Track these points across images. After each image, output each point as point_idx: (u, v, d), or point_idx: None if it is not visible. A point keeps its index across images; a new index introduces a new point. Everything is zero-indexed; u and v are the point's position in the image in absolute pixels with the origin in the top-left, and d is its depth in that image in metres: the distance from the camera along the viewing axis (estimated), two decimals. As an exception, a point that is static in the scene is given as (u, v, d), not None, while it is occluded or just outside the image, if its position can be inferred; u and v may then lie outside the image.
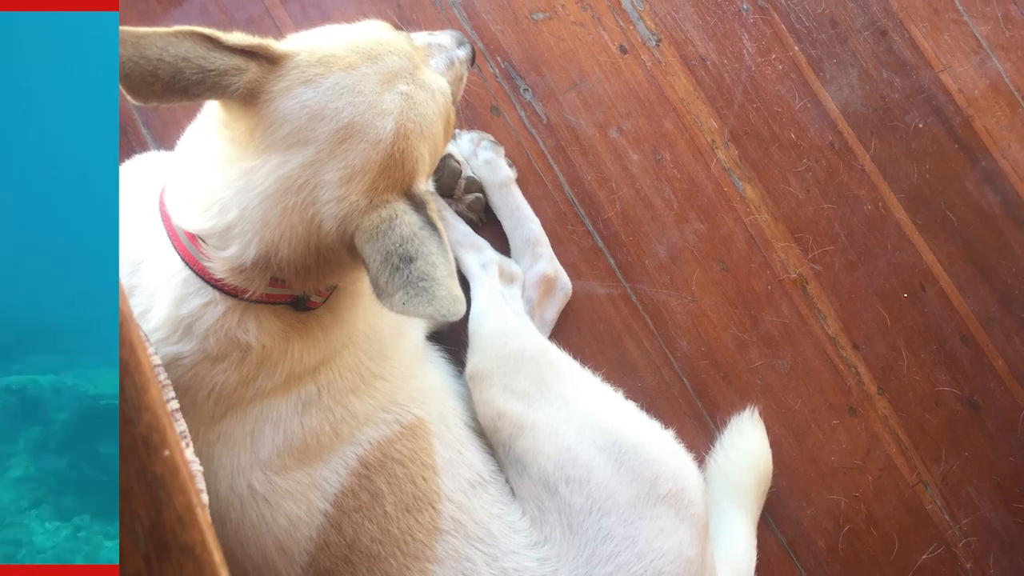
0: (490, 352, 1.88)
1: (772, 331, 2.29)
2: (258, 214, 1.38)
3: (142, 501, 0.91)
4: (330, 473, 1.59)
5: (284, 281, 1.45)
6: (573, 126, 2.30)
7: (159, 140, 2.23)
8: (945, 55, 2.43)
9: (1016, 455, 2.30)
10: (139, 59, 1.28)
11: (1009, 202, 2.39)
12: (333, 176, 1.38)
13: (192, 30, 1.33)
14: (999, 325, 2.35)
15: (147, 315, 1.51)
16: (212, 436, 1.54)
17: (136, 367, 0.98)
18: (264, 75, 1.38)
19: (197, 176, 1.46)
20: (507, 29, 2.32)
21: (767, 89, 2.36)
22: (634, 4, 2.36)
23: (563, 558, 1.67)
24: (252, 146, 1.39)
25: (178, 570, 0.90)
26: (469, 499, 1.70)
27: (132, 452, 0.92)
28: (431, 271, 1.32)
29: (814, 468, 2.25)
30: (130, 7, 2.26)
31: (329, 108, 1.39)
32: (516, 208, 2.20)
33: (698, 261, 2.29)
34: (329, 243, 1.41)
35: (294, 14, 2.29)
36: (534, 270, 2.17)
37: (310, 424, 1.58)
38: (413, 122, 1.44)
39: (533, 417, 1.79)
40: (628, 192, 2.29)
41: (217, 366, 1.50)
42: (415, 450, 1.67)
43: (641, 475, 1.74)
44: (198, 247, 1.44)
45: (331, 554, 1.58)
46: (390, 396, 1.69)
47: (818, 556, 2.22)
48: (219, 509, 1.55)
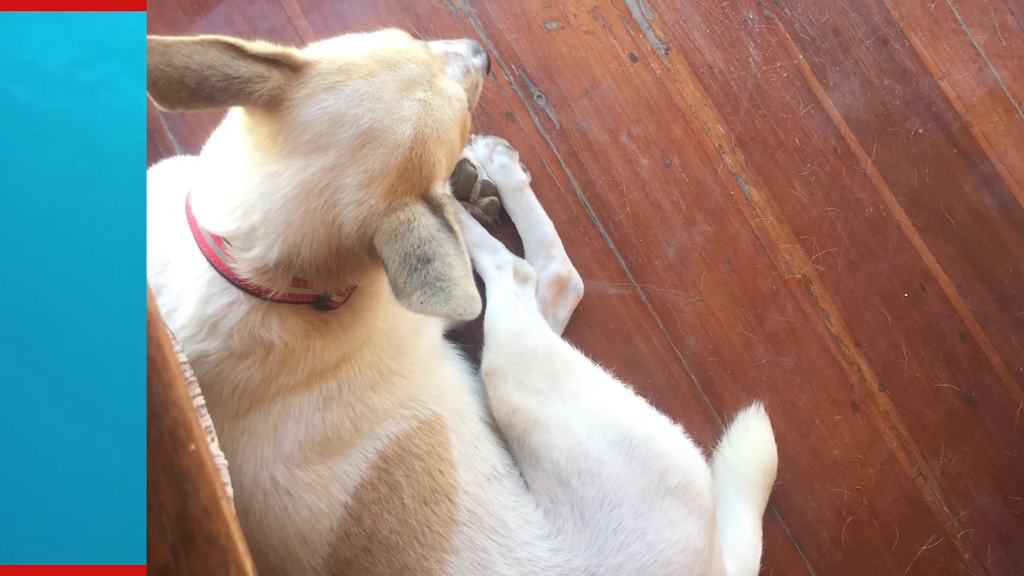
0: (505, 350, 1.88)
1: (777, 329, 2.28)
2: (281, 216, 1.39)
3: (169, 493, 0.91)
4: (350, 466, 1.59)
5: (306, 281, 1.46)
6: (585, 132, 2.29)
7: (185, 145, 2.24)
8: (944, 63, 2.42)
9: (1013, 449, 2.29)
10: (166, 67, 1.29)
11: (1006, 205, 2.38)
12: (353, 180, 1.38)
13: (217, 39, 1.33)
14: (996, 324, 2.34)
15: (174, 314, 1.51)
16: (236, 431, 1.54)
17: (163, 364, 0.98)
18: (287, 82, 1.39)
19: (222, 180, 1.46)
20: (521, 38, 2.31)
21: (772, 96, 2.35)
22: (644, 14, 2.35)
23: (575, 548, 1.66)
24: (275, 151, 1.39)
25: (204, 560, 0.90)
26: (484, 492, 1.70)
27: (159, 446, 0.93)
28: (448, 271, 1.33)
29: (818, 462, 2.24)
30: (157, 16, 2.27)
31: (349, 114, 1.38)
32: (530, 211, 2.19)
33: (706, 262, 2.28)
34: (349, 244, 1.40)
35: (316, 24, 2.29)
36: (547, 271, 2.17)
37: (331, 419, 1.58)
38: (431, 128, 1.44)
39: (546, 413, 1.78)
40: (638, 195, 2.28)
41: (241, 363, 1.50)
42: (432, 444, 1.67)
43: (651, 468, 1.73)
44: (223, 248, 1.44)
45: (351, 545, 1.58)
46: (408, 392, 1.69)
47: (821, 547, 2.21)
48: (243, 501, 1.55)
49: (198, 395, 1.29)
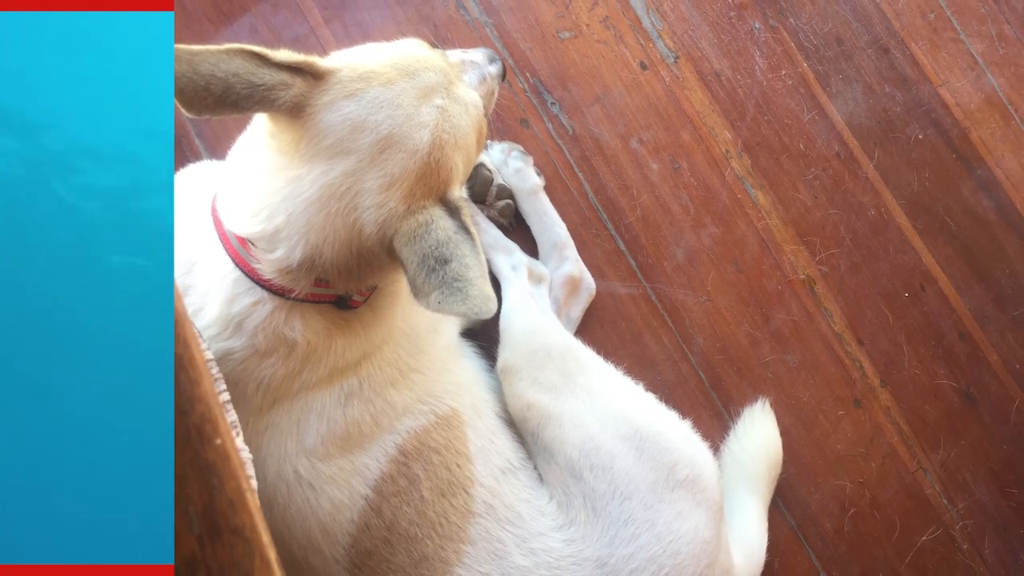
0: (520, 348, 1.88)
1: (782, 328, 2.27)
2: (304, 219, 1.39)
3: (195, 486, 0.91)
4: (371, 460, 1.60)
5: (328, 281, 1.46)
6: (597, 137, 2.28)
7: (211, 150, 2.24)
8: (943, 71, 2.41)
9: (1009, 443, 2.29)
10: (193, 75, 1.30)
11: (1003, 208, 2.37)
12: (373, 184, 1.38)
13: (242, 48, 1.34)
14: (994, 322, 2.33)
15: (200, 313, 1.52)
16: (261, 426, 1.55)
17: (190, 362, 0.98)
18: (309, 90, 1.39)
19: (247, 183, 1.46)
20: (535, 47, 2.31)
21: (777, 103, 2.34)
22: (654, 23, 2.34)
23: (587, 539, 1.67)
24: (298, 156, 1.40)
25: (229, 551, 0.90)
26: (500, 484, 1.70)
27: (186, 441, 0.93)
28: (465, 272, 1.33)
29: (821, 456, 2.23)
30: (184, 26, 2.27)
31: (370, 120, 1.39)
32: (544, 213, 2.19)
33: (713, 263, 2.27)
34: (370, 246, 1.41)
35: (337, 33, 2.28)
36: (560, 271, 2.16)
37: (352, 415, 1.58)
38: (448, 133, 1.45)
39: (560, 408, 1.78)
40: (648, 199, 2.27)
41: (265, 361, 1.50)
42: (450, 439, 1.68)
43: (660, 462, 1.73)
44: (248, 250, 1.45)
45: (371, 536, 1.58)
46: (426, 388, 1.70)
47: (825, 537, 2.20)
48: (267, 494, 1.56)
49: (224, 391, 1.30)
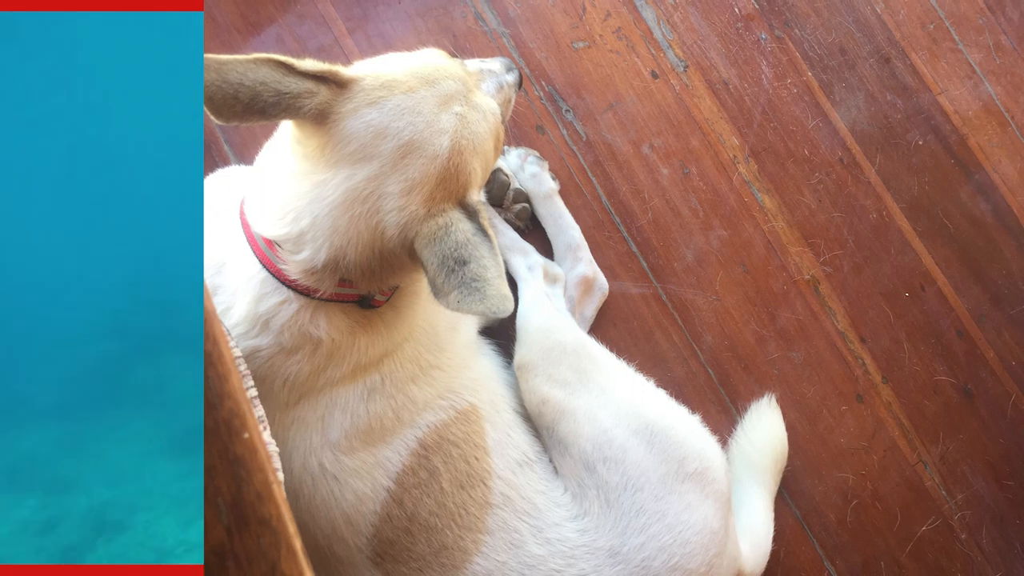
0: (536, 345, 1.87)
1: (788, 327, 2.26)
2: (328, 222, 1.39)
3: (224, 478, 0.92)
4: (392, 453, 1.60)
5: (351, 282, 1.46)
6: (610, 143, 2.28)
7: (239, 156, 2.25)
8: (942, 80, 2.40)
9: (1006, 437, 2.28)
10: (221, 83, 1.30)
11: (999, 211, 2.36)
12: (395, 188, 1.38)
13: (269, 57, 1.35)
14: (990, 321, 2.32)
15: (229, 312, 1.53)
16: (287, 420, 1.55)
17: (219, 359, 0.99)
18: (333, 98, 1.39)
19: (273, 188, 1.47)
20: (551, 56, 2.30)
21: (783, 110, 2.34)
22: (664, 34, 2.33)
23: (601, 529, 1.67)
24: (323, 161, 1.40)
25: (256, 540, 0.91)
26: (517, 477, 1.70)
27: (215, 434, 0.94)
28: (483, 273, 1.33)
29: (825, 449, 2.23)
30: (213, 36, 2.28)
31: (392, 127, 1.39)
32: (559, 216, 2.18)
33: (721, 264, 2.26)
34: (392, 248, 1.41)
35: (360, 43, 2.29)
36: (575, 272, 2.16)
37: (375, 409, 1.58)
38: (467, 140, 1.45)
39: (574, 403, 1.78)
40: (659, 202, 2.27)
41: (291, 358, 1.51)
42: (468, 433, 1.68)
43: (671, 455, 1.74)
44: (274, 251, 1.45)
45: (393, 526, 1.58)
46: (446, 384, 1.70)
47: (828, 527, 2.20)
48: (293, 486, 1.56)
49: (251, 387, 1.31)
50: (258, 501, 0.93)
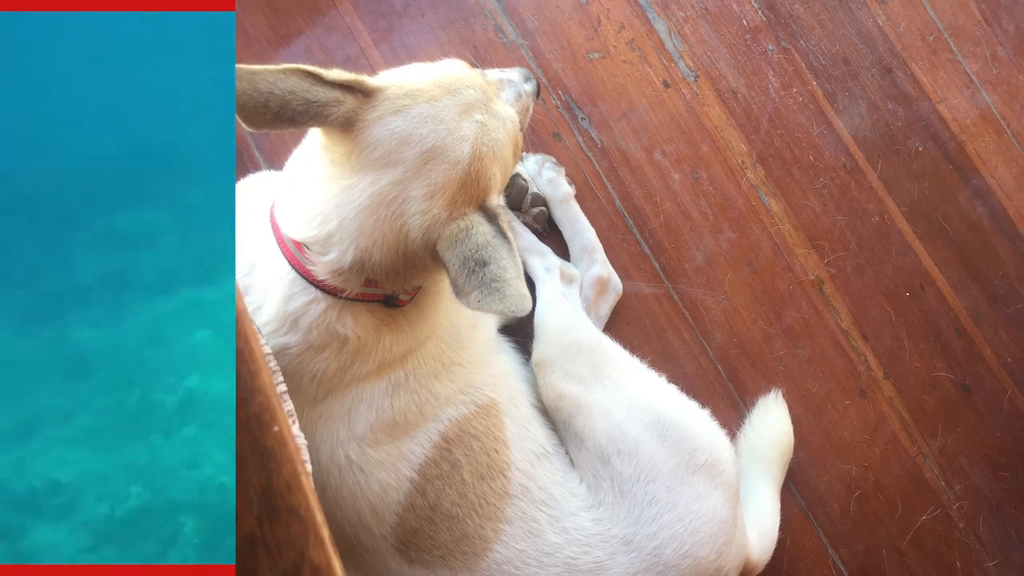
0: (553, 343, 1.87)
1: (793, 325, 2.26)
2: (354, 225, 1.40)
3: (255, 470, 0.92)
4: (416, 446, 1.60)
5: (377, 282, 1.46)
6: (623, 150, 2.28)
7: (270, 162, 2.25)
8: (941, 89, 2.39)
9: (1002, 431, 2.27)
10: (252, 92, 1.31)
11: (996, 215, 2.35)
12: (418, 192, 1.39)
13: (298, 67, 1.35)
14: (987, 320, 2.32)
15: (259, 311, 1.53)
16: (315, 414, 1.55)
17: (250, 356, 0.99)
18: (359, 106, 1.40)
19: (302, 192, 1.47)
20: (567, 67, 2.31)
21: (789, 118, 2.33)
22: (675, 45, 2.33)
23: (615, 519, 1.67)
24: (349, 167, 1.41)
25: (286, 529, 0.91)
26: (535, 468, 1.70)
27: (247, 428, 0.94)
28: (502, 273, 1.33)
29: (829, 442, 2.22)
30: (244, 47, 2.30)
31: (415, 134, 1.39)
32: (575, 220, 2.18)
33: (730, 265, 2.26)
34: (415, 249, 1.41)
35: (385, 54, 2.29)
36: (590, 273, 2.15)
37: (399, 404, 1.58)
38: (487, 146, 1.44)
39: (589, 398, 1.78)
40: (670, 206, 2.27)
41: (319, 355, 1.51)
42: (488, 426, 1.68)
43: (682, 448, 1.74)
44: (303, 253, 1.45)
45: (416, 515, 1.59)
46: (467, 380, 1.70)
47: (832, 517, 2.19)
48: (321, 477, 1.57)
49: (281, 383, 1.33)
50: (287, 491, 0.93)
